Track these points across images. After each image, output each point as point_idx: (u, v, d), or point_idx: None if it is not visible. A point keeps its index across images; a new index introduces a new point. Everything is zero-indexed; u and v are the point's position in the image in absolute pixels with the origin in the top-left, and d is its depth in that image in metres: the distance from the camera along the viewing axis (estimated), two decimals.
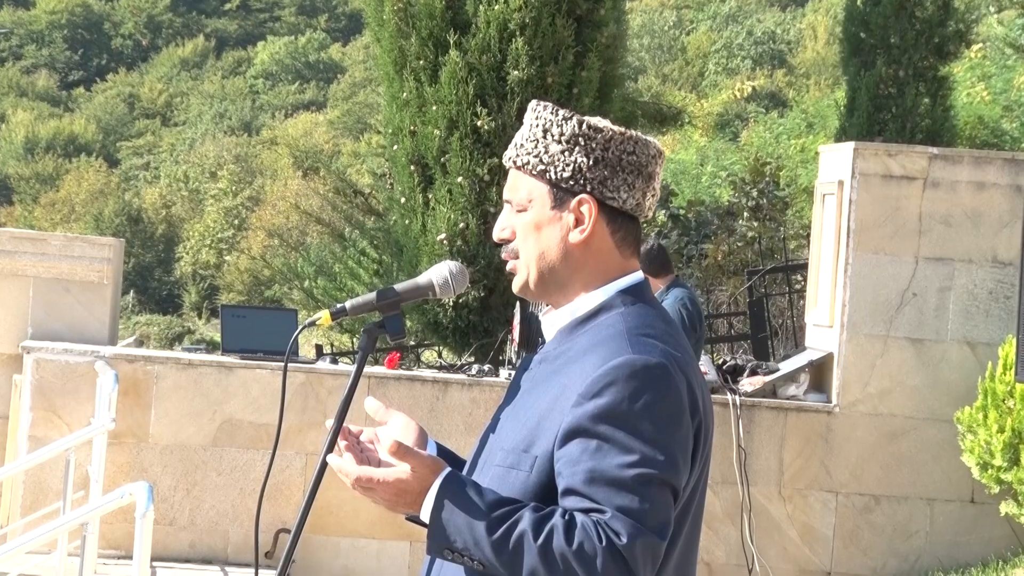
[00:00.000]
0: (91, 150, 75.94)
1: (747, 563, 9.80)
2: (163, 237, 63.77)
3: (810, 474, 9.95)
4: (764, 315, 14.36)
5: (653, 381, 2.88)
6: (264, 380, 9.67)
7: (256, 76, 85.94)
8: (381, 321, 3.12)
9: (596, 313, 3.03)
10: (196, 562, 9.59)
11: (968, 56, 20.57)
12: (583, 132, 3.03)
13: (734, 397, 9.79)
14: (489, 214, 10.89)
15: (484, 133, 11.00)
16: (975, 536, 9.93)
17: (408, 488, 2.92)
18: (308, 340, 17.64)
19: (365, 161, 26.15)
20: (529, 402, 3.00)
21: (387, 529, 9.67)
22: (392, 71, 11.53)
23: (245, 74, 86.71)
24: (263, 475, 9.63)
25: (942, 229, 9.95)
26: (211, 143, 71.14)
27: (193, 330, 45.36)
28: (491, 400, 9.64)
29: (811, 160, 18.24)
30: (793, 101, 35.71)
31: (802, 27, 67.59)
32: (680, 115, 20.05)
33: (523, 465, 2.93)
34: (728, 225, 16.03)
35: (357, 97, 72.69)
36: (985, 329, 9.97)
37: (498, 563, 2.84)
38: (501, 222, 3.12)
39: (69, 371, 9.58)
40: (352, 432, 3.07)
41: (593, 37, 11.28)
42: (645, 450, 2.84)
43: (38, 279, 9.97)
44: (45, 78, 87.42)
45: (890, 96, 14.01)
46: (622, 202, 3.04)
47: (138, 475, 9.39)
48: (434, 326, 11.47)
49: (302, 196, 42.10)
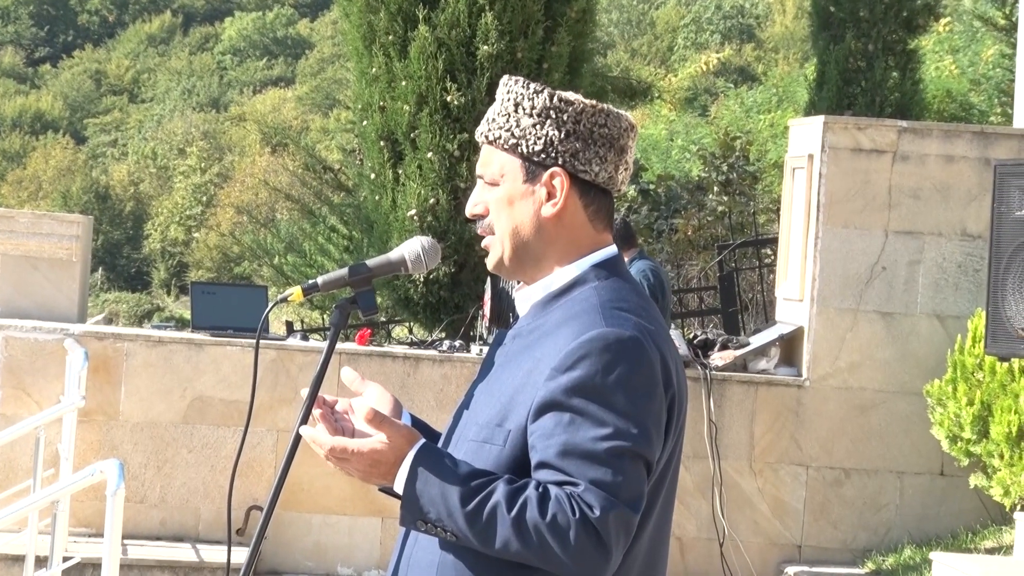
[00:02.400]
0: (58, 127, 75.58)
1: (718, 537, 9.83)
2: (131, 214, 63.54)
3: (780, 448, 9.98)
4: (734, 289, 14.38)
5: (626, 354, 2.88)
6: (235, 357, 9.64)
7: (224, 52, 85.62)
8: (353, 297, 3.12)
9: (570, 287, 3.03)
10: (167, 539, 9.58)
11: (937, 30, 20.61)
12: (554, 105, 3.03)
13: (705, 371, 9.81)
14: (459, 190, 10.88)
15: (454, 108, 10.98)
16: (945, 508, 9.97)
17: (382, 459, 2.91)
18: (278, 317, 17.61)
19: (334, 137, 26.10)
20: (503, 377, 3.00)
21: (359, 505, 9.67)
22: (361, 46, 11.49)
23: (213, 50, 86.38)
24: (234, 452, 9.63)
25: (911, 203, 9.98)
26: (179, 120, 70.88)
27: (163, 307, 45.22)
28: (462, 376, 9.64)
29: (781, 135, 18.27)
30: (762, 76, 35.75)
31: (770, 1, 67.63)
32: (649, 89, 20.06)
33: (497, 439, 2.94)
34: (698, 200, 16.05)
35: (326, 73, 72.49)
36: (954, 302, 10.00)
37: (471, 534, 2.84)
38: (474, 197, 3.11)
39: (38, 349, 9.54)
40: (327, 402, 3.07)
41: (562, 11, 11.27)
42: (618, 423, 2.84)
43: (6, 256, 9.93)
44: (11, 55, 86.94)
45: (859, 70, 14.03)
46: (594, 175, 3.04)
47: (108, 453, 9.37)
48: (405, 302, 11.46)
49: (271, 172, 41.99)
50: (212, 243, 50.72)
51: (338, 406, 3.10)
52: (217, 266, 49.38)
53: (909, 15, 14.18)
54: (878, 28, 13.93)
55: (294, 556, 9.68)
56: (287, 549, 9.65)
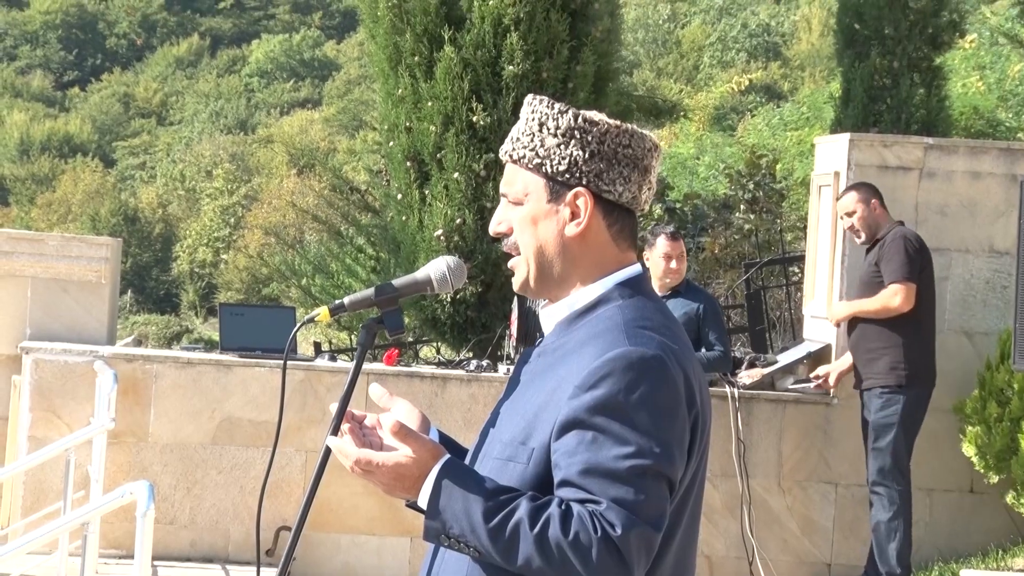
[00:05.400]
0: (87, 150, 75.94)
1: (747, 555, 9.81)
2: (160, 236, 63.77)
3: (809, 466, 9.96)
4: (762, 307, 14.36)
5: (649, 373, 2.89)
6: (263, 378, 9.67)
7: (251, 74, 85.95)
8: (380, 317, 3.13)
9: (594, 306, 3.04)
10: (197, 561, 9.60)
11: (962, 46, 20.57)
12: (579, 125, 3.04)
13: (732, 390, 9.80)
14: (486, 209, 10.89)
15: (480, 128, 11.00)
16: (974, 526, 9.94)
17: (407, 472, 2.93)
18: (306, 337, 17.65)
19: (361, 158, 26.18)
20: (527, 395, 3.01)
21: (387, 525, 9.68)
22: (387, 67, 11.52)
23: (240, 72, 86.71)
24: (263, 473, 9.64)
25: (938, 219, 9.96)
26: (207, 142, 71.16)
27: (191, 329, 45.35)
28: (489, 395, 9.65)
29: (807, 152, 18.25)
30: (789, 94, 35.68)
31: (796, 19, 67.62)
32: (675, 108, 20.04)
33: (521, 457, 2.95)
34: (725, 218, 16.03)
35: (352, 94, 72.71)
36: (983, 319, 9.98)
37: (494, 550, 2.85)
38: (497, 216, 3.13)
39: (68, 371, 9.58)
40: (355, 417, 3.08)
41: (587, 31, 11.28)
42: (641, 442, 2.85)
43: (36, 279, 9.97)
44: (40, 78, 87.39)
45: (885, 87, 14.00)
46: (618, 195, 3.05)
47: (138, 474, 9.40)
48: (432, 322, 11.47)
49: (298, 194, 42.07)
50: (240, 265, 50.88)
51: (367, 421, 3.11)
52: (245, 287, 49.54)
53: (934, 32, 14.14)
54: (903, 45, 13.90)
55: None
56: (316, 569, 9.66)
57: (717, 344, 9.52)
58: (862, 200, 9.31)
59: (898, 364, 9.10)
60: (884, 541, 9.09)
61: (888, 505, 9.08)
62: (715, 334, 9.55)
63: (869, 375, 9.20)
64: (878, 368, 9.16)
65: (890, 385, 9.11)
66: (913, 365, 9.11)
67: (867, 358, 9.23)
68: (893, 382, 9.10)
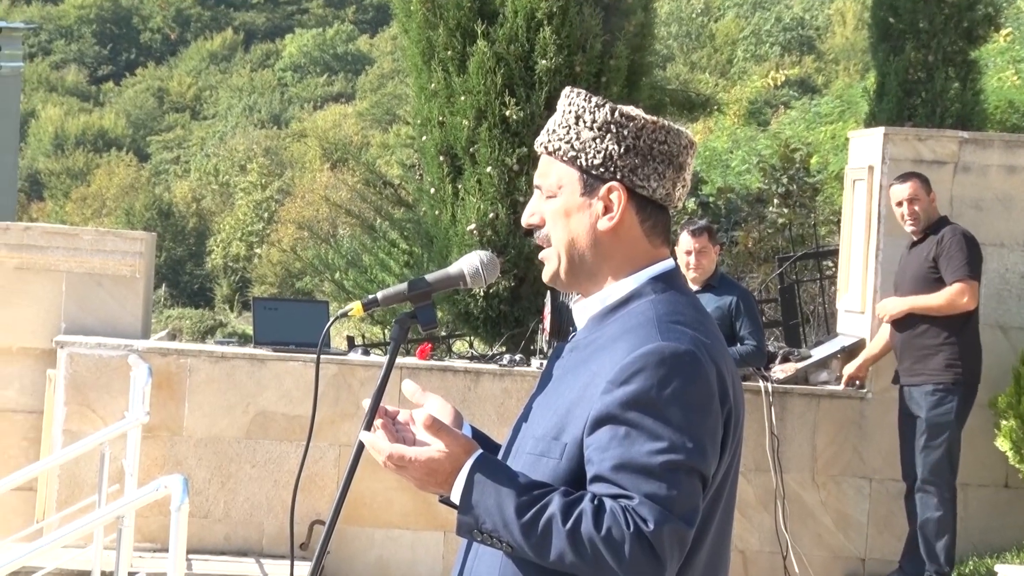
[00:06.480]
0: (121, 145, 76.18)
1: (781, 550, 9.79)
2: (194, 231, 63.94)
3: (843, 460, 9.93)
4: (795, 302, 14.32)
5: (682, 368, 2.88)
6: (297, 372, 9.69)
7: (284, 69, 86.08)
8: (413, 311, 3.13)
9: (626, 301, 3.04)
10: (231, 554, 9.62)
11: (997, 40, 20.47)
12: (615, 120, 3.04)
13: (766, 384, 9.78)
14: (519, 204, 10.90)
15: (512, 123, 11.00)
16: (1009, 520, 9.90)
17: (440, 468, 2.93)
18: (339, 332, 17.66)
19: (394, 152, 26.17)
20: (560, 390, 3.01)
21: (422, 519, 9.69)
22: (420, 62, 11.53)
23: (273, 67, 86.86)
24: (297, 467, 9.65)
25: (973, 213, 9.92)
26: (240, 136, 71.31)
27: (225, 323, 45.42)
28: (522, 390, 9.65)
29: (842, 147, 18.19)
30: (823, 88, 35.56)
31: (830, 13, 67.40)
32: (708, 102, 20.00)
33: (553, 452, 2.94)
34: (758, 212, 15.99)
35: (385, 88, 72.77)
36: (1018, 313, 9.94)
37: (526, 545, 2.85)
38: (530, 208, 3.13)
39: (103, 365, 9.62)
40: (389, 412, 3.09)
41: (621, 25, 11.27)
42: (673, 437, 2.84)
43: (70, 274, 10.01)
44: (74, 73, 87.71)
45: (919, 81, 13.94)
46: (652, 191, 3.04)
47: (172, 468, 9.43)
48: (465, 316, 11.48)
49: (332, 188, 42.18)
50: (274, 259, 50.98)
51: (399, 416, 3.12)
52: (279, 281, 49.63)
53: (969, 26, 14.07)
54: (938, 39, 13.84)
55: (357, 570, 9.71)
56: (350, 564, 9.68)
57: (750, 338, 9.48)
58: (924, 189, 9.24)
59: (954, 361, 9.05)
60: (934, 539, 9.05)
61: (939, 504, 9.05)
62: (748, 328, 9.51)
63: (920, 371, 9.12)
64: (932, 365, 9.08)
65: (944, 383, 9.04)
66: (967, 363, 9.08)
67: (919, 354, 9.14)
68: (948, 380, 9.04)
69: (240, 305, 52.74)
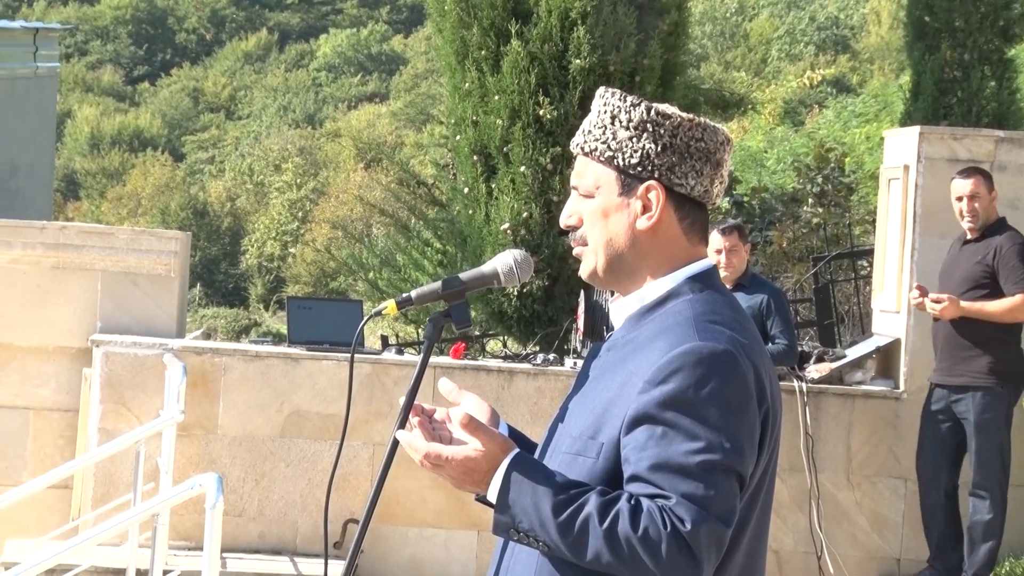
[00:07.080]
0: (156, 144, 76.42)
1: (816, 550, 9.76)
2: (229, 230, 64.06)
3: (878, 461, 9.89)
4: (830, 301, 14.27)
5: (719, 368, 2.87)
6: (330, 371, 9.70)
7: (319, 69, 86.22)
8: (447, 310, 3.13)
9: (664, 300, 3.03)
10: (265, 552, 9.64)
11: None
12: (651, 118, 3.03)
13: (801, 384, 9.75)
14: (552, 203, 10.89)
15: (546, 122, 10.99)
16: None
17: (476, 467, 2.92)
18: (373, 331, 17.68)
19: (428, 152, 26.20)
20: (597, 389, 3.00)
21: (455, 518, 9.69)
22: (454, 62, 11.53)
23: (308, 67, 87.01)
24: (331, 466, 9.67)
25: (1009, 213, 9.86)
26: (275, 136, 71.45)
27: (260, 322, 45.50)
28: (556, 389, 9.64)
29: (877, 146, 18.13)
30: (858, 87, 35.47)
31: (865, 12, 67.14)
32: (743, 101, 19.96)
33: (590, 452, 2.94)
34: (793, 212, 15.94)
35: (419, 88, 72.81)
36: None
37: (563, 545, 2.84)
38: (568, 209, 3.12)
39: (138, 364, 9.65)
40: (424, 410, 3.08)
41: (655, 24, 11.25)
42: (711, 437, 2.83)
43: (106, 273, 10.05)
44: (110, 73, 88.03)
45: (955, 80, 13.89)
46: (690, 189, 3.04)
47: (207, 466, 9.45)
48: (499, 316, 11.47)
49: (366, 188, 42.22)
50: (308, 258, 51.05)
51: (436, 415, 3.11)
52: (313, 281, 49.69)
53: (1005, 24, 14.01)
54: (974, 38, 13.78)
55: (390, 569, 9.72)
56: (383, 562, 9.69)
57: (780, 337, 9.44)
58: (986, 187, 9.14)
59: (999, 363, 8.99)
60: (980, 541, 9.00)
61: (991, 507, 8.99)
62: (779, 327, 9.47)
63: (964, 373, 9.05)
64: (977, 367, 9.00)
65: (990, 385, 8.98)
66: (1012, 364, 9.03)
67: (962, 355, 9.05)
68: (994, 382, 8.98)
69: (274, 305, 52.83)
